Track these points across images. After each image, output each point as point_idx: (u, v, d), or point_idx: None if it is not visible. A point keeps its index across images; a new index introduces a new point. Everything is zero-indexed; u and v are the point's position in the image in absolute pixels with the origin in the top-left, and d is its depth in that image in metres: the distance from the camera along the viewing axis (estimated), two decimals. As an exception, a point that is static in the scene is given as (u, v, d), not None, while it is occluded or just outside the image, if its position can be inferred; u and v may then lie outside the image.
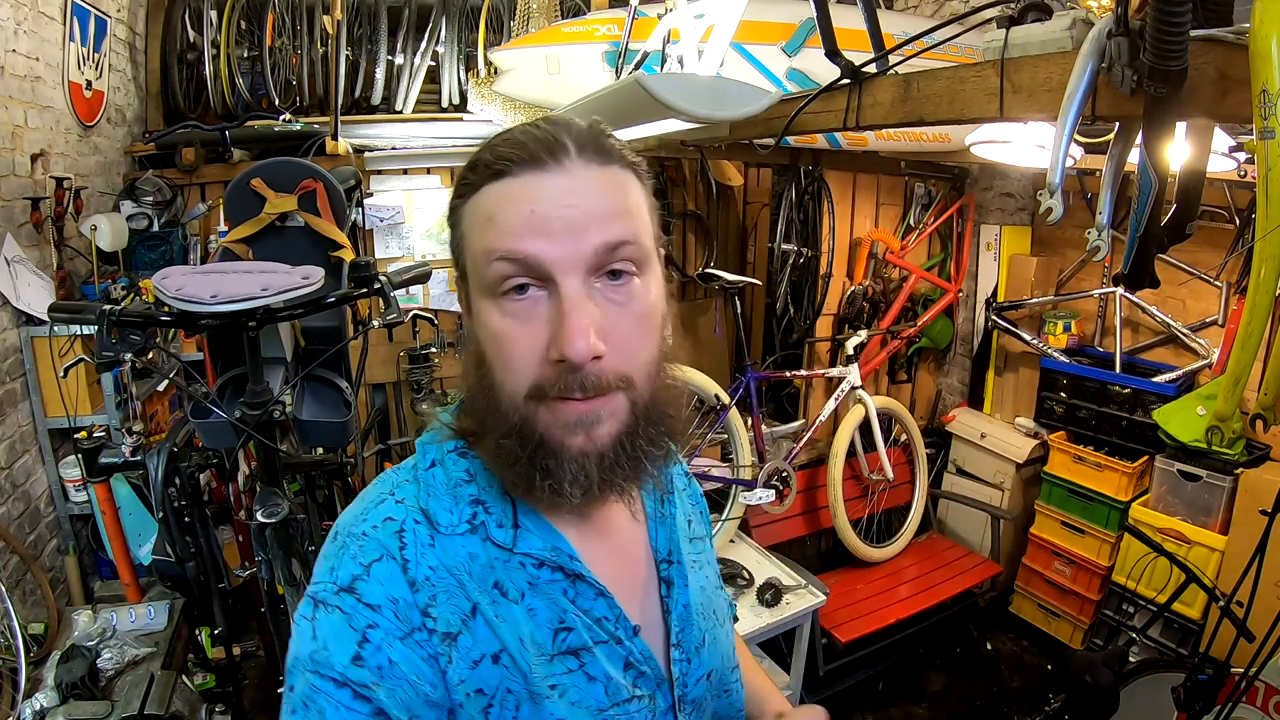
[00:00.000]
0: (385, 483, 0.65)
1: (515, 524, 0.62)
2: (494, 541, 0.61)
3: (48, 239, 2.47)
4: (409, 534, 0.59)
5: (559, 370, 0.55)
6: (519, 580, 0.60)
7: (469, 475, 0.63)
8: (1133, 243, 1.27)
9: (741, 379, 2.91)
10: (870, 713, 2.83)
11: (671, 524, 0.73)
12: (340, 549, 0.59)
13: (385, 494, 0.63)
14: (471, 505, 0.62)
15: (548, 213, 0.55)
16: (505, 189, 0.57)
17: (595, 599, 0.62)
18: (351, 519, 0.62)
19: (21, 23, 2.34)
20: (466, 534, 0.60)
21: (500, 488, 0.63)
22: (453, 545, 0.60)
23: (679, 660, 0.67)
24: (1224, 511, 2.50)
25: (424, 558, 0.58)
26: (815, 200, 3.29)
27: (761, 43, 2.68)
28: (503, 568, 0.60)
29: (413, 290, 3.42)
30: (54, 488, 2.49)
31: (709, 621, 0.72)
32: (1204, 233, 2.65)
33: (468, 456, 0.64)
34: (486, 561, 0.60)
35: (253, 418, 1.62)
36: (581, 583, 0.62)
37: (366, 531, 0.59)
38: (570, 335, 0.54)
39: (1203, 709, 1.78)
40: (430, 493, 0.62)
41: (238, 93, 3.35)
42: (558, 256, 0.55)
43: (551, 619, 0.60)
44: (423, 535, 0.59)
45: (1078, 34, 1.18)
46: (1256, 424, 1.17)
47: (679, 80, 1.93)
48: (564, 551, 0.62)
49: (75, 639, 2.06)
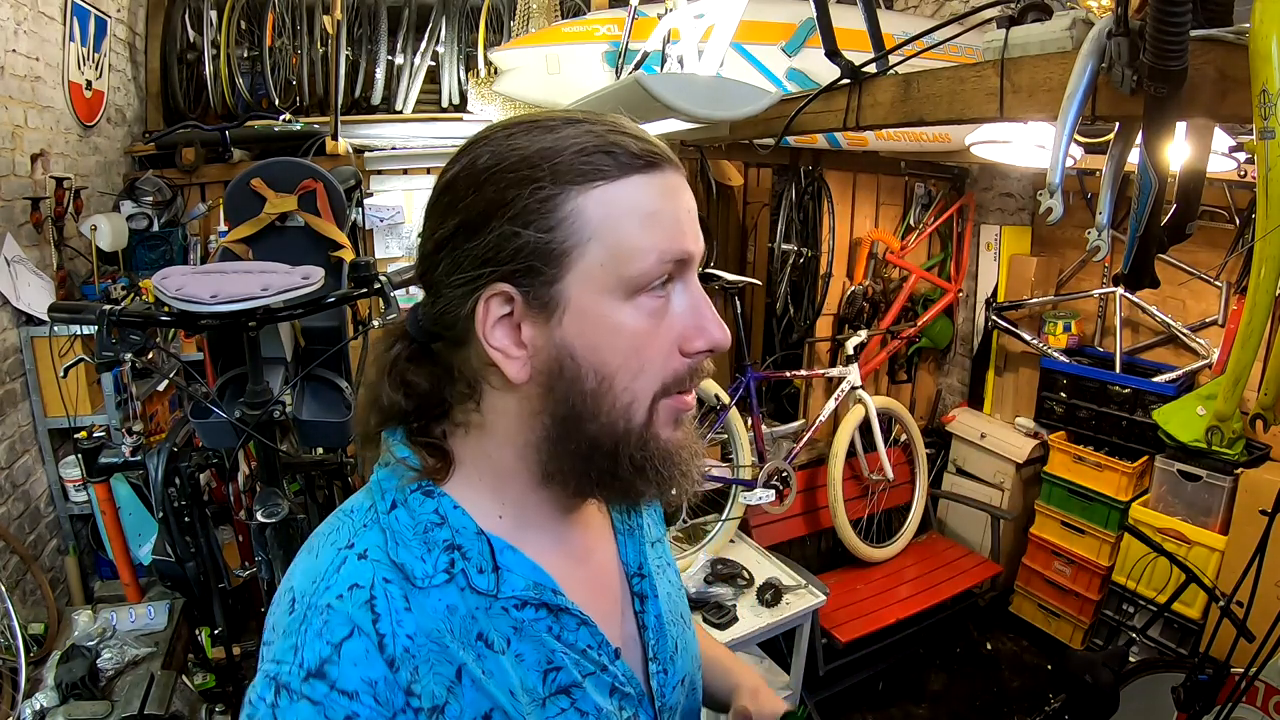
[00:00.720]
0: (340, 531, 0.57)
1: (495, 566, 0.57)
2: (475, 589, 0.55)
3: (48, 239, 2.47)
4: (380, 601, 0.52)
5: (692, 364, 0.56)
6: (503, 627, 0.56)
7: (439, 518, 0.57)
8: (1133, 243, 1.27)
9: (741, 379, 2.91)
10: (870, 713, 2.83)
11: (640, 535, 0.71)
12: (302, 623, 0.51)
13: (343, 548, 0.55)
14: (447, 551, 0.56)
15: (692, 211, 0.57)
16: (661, 183, 0.55)
17: (578, 629, 0.59)
18: (309, 582, 0.54)
19: (21, 23, 2.34)
20: (444, 584, 0.54)
21: (474, 528, 0.57)
22: (429, 601, 0.54)
23: (657, 673, 0.66)
24: (1224, 511, 2.50)
25: (401, 627, 0.52)
26: (815, 200, 3.29)
27: (761, 43, 2.68)
28: (485, 616, 0.55)
29: (413, 290, 3.41)
30: (54, 488, 2.49)
31: (678, 627, 0.71)
32: (1204, 233, 2.64)
33: (434, 495, 0.58)
34: (467, 612, 0.55)
35: (253, 418, 1.62)
36: (565, 615, 0.59)
37: (331, 603, 0.51)
38: (714, 326, 0.56)
39: (1203, 709, 1.78)
40: (399, 541, 0.55)
41: (238, 93, 3.35)
42: (697, 255, 0.57)
43: (540, 660, 0.57)
44: (396, 599, 0.53)
45: (1078, 34, 1.18)
46: (1256, 424, 1.17)
47: (679, 80, 1.93)
48: (546, 587, 0.58)
49: (75, 639, 2.06)
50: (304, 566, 0.56)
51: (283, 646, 0.51)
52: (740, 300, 3.08)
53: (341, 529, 0.58)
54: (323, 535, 0.58)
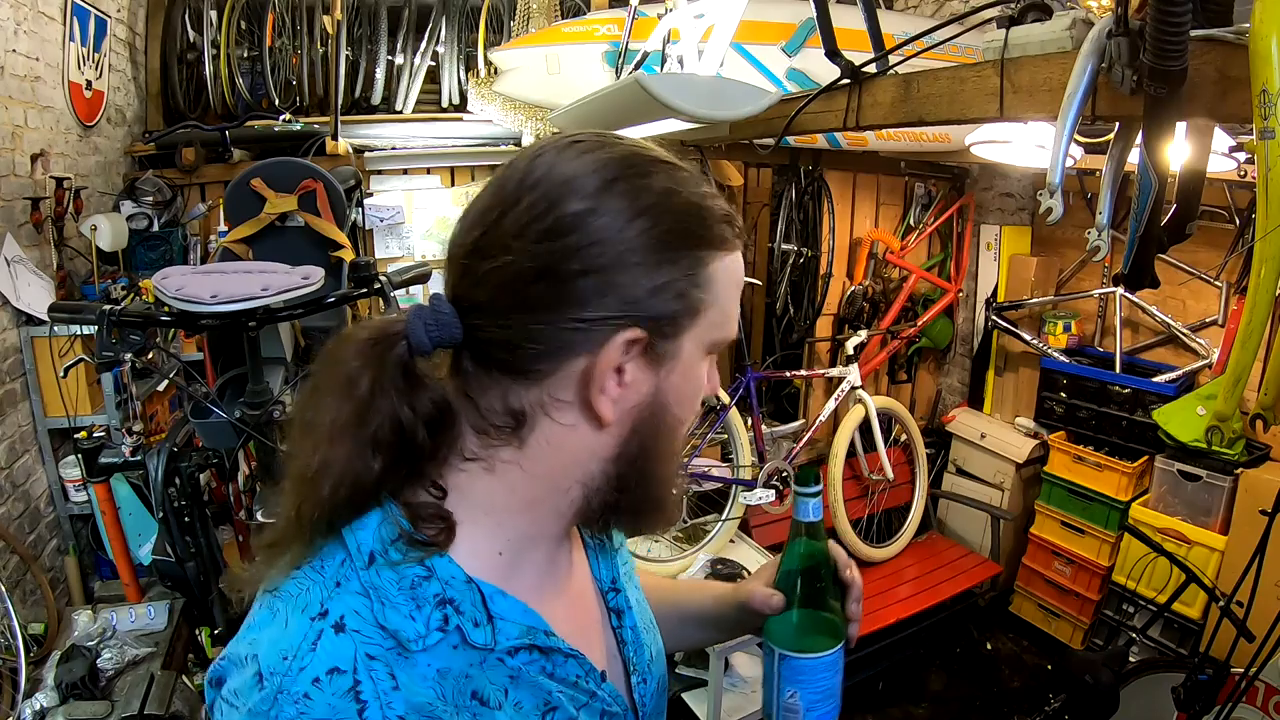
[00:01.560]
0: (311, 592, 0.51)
1: (490, 617, 0.53)
2: (471, 645, 0.52)
3: (48, 239, 2.47)
4: (366, 686, 0.47)
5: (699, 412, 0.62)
6: (499, 678, 0.53)
7: (426, 570, 0.51)
8: (1133, 243, 1.27)
9: (741, 379, 2.91)
10: (870, 713, 2.83)
11: (609, 550, 0.72)
12: (273, 707, 0.46)
13: (315, 618, 0.49)
14: (439, 607, 0.51)
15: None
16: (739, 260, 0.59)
17: (566, 662, 0.57)
18: (278, 658, 0.47)
19: (21, 23, 2.34)
20: (437, 645, 0.50)
21: (463, 576, 0.52)
22: (417, 670, 0.49)
23: (638, 684, 0.67)
24: (1224, 511, 2.50)
25: (391, 710, 0.47)
26: (815, 200, 3.29)
27: (761, 43, 2.68)
28: (480, 671, 0.52)
29: (413, 290, 3.41)
30: (54, 488, 2.49)
31: (650, 634, 0.71)
32: (1204, 233, 2.64)
33: (416, 544, 0.52)
34: (460, 672, 0.51)
35: (253, 418, 1.62)
36: (556, 654, 0.57)
37: (308, 692, 0.46)
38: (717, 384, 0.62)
39: (1203, 709, 1.78)
40: (384, 600, 0.50)
41: (238, 93, 3.34)
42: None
43: (538, 704, 0.55)
44: (382, 680, 0.47)
45: (1078, 34, 1.18)
46: (1256, 424, 1.17)
47: (679, 80, 1.93)
48: (539, 630, 0.56)
49: (75, 639, 2.06)
50: (271, 635, 0.49)
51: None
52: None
53: (311, 590, 0.51)
54: (290, 597, 0.51)
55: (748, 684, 2.52)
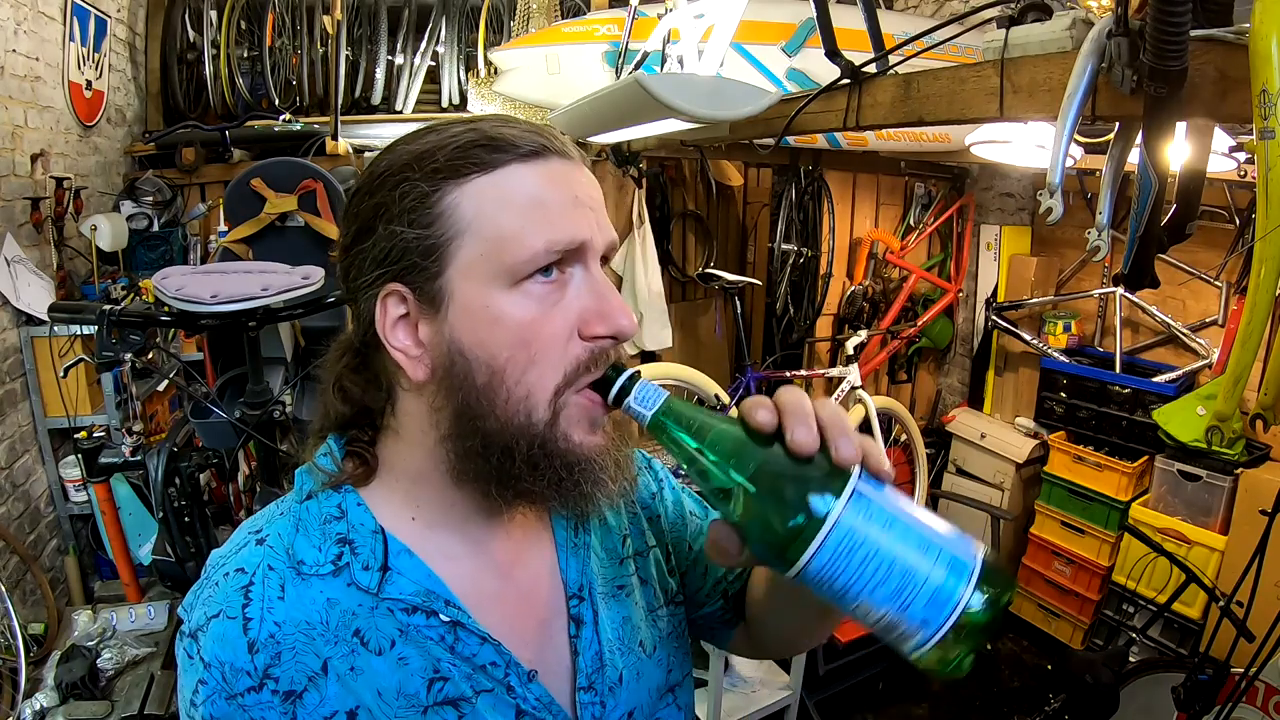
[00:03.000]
0: (264, 515, 0.61)
1: (385, 566, 0.56)
2: (359, 586, 0.55)
3: (48, 239, 2.47)
4: (256, 588, 0.55)
5: (594, 352, 0.55)
6: (387, 628, 0.55)
7: (339, 511, 0.58)
8: (1133, 243, 1.27)
9: (741, 379, 2.91)
10: (870, 713, 2.83)
11: (586, 554, 0.66)
12: (199, 589, 0.57)
13: (253, 532, 0.59)
14: (338, 544, 0.56)
15: (584, 200, 0.56)
16: (545, 171, 0.55)
17: (480, 645, 0.57)
18: (218, 555, 0.59)
19: (21, 23, 2.34)
20: (329, 576, 0.55)
21: (373, 525, 0.57)
22: (309, 592, 0.55)
23: (590, 704, 0.61)
24: (1224, 511, 2.50)
25: (270, 614, 0.54)
26: (815, 200, 3.29)
27: (761, 43, 2.68)
28: (367, 615, 0.55)
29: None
30: (54, 488, 2.49)
31: (631, 656, 0.65)
32: (1204, 233, 2.64)
33: (340, 490, 0.59)
34: (349, 608, 0.55)
35: (253, 418, 1.63)
36: (462, 629, 0.56)
37: (219, 580, 0.56)
38: (616, 311, 0.55)
39: (1203, 709, 1.78)
40: (302, 529, 0.57)
41: (238, 93, 3.35)
42: (594, 242, 0.56)
43: (425, 667, 0.55)
44: (272, 587, 0.55)
45: (1078, 34, 1.17)
46: (1256, 424, 1.17)
47: (679, 80, 1.93)
48: (439, 596, 0.56)
49: (75, 639, 2.06)
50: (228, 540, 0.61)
51: (189, 599, 0.57)
52: (740, 300, 3.08)
53: (264, 514, 0.61)
54: (255, 516, 0.62)
55: (748, 684, 2.52)
